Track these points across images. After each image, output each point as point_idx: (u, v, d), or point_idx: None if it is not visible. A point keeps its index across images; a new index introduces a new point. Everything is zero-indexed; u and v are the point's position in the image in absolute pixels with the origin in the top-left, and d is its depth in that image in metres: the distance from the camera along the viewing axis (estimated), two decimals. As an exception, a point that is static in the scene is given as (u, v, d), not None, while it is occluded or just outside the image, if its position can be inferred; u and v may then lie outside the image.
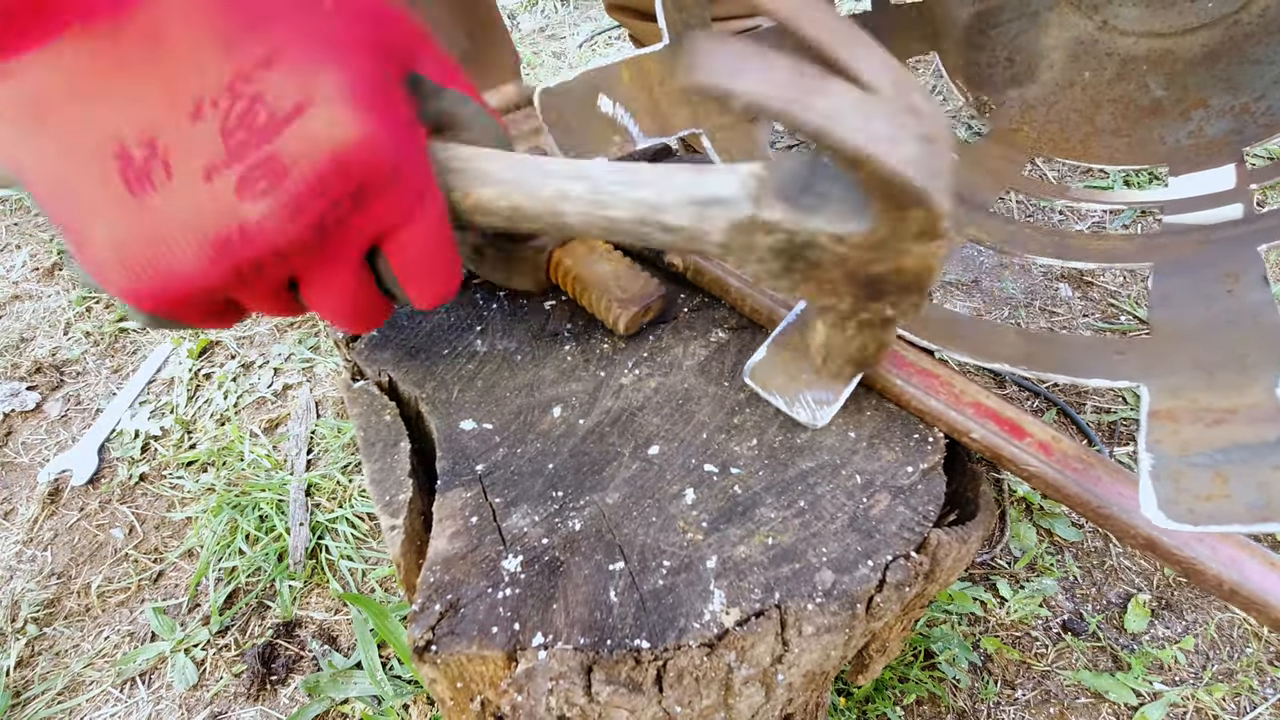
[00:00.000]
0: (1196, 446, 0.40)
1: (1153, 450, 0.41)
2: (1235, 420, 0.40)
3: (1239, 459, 0.38)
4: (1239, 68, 0.77)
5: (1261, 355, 0.43)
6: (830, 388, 0.50)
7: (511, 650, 0.39)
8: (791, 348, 0.52)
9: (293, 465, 1.08)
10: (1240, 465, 0.38)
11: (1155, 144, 0.80)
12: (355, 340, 0.58)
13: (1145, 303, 1.23)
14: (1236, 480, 0.38)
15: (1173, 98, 0.80)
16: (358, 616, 0.86)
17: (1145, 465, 0.41)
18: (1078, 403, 1.09)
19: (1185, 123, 0.80)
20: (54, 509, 1.06)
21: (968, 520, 0.49)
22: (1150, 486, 0.40)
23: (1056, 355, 0.50)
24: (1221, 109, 0.78)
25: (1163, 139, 0.80)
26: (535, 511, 0.45)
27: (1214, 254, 0.56)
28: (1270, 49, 0.76)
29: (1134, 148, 0.81)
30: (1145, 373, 0.46)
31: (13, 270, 1.47)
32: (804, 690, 0.47)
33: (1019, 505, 0.97)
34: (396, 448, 0.49)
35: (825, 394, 0.50)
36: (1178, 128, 0.80)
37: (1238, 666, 0.82)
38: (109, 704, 0.85)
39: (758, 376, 0.51)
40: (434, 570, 0.42)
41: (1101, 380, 0.47)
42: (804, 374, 0.51)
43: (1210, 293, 0.51)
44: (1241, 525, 0.36)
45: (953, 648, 0.83)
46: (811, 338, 0.48)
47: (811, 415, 0.50)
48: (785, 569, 0.42)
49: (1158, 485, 0.40)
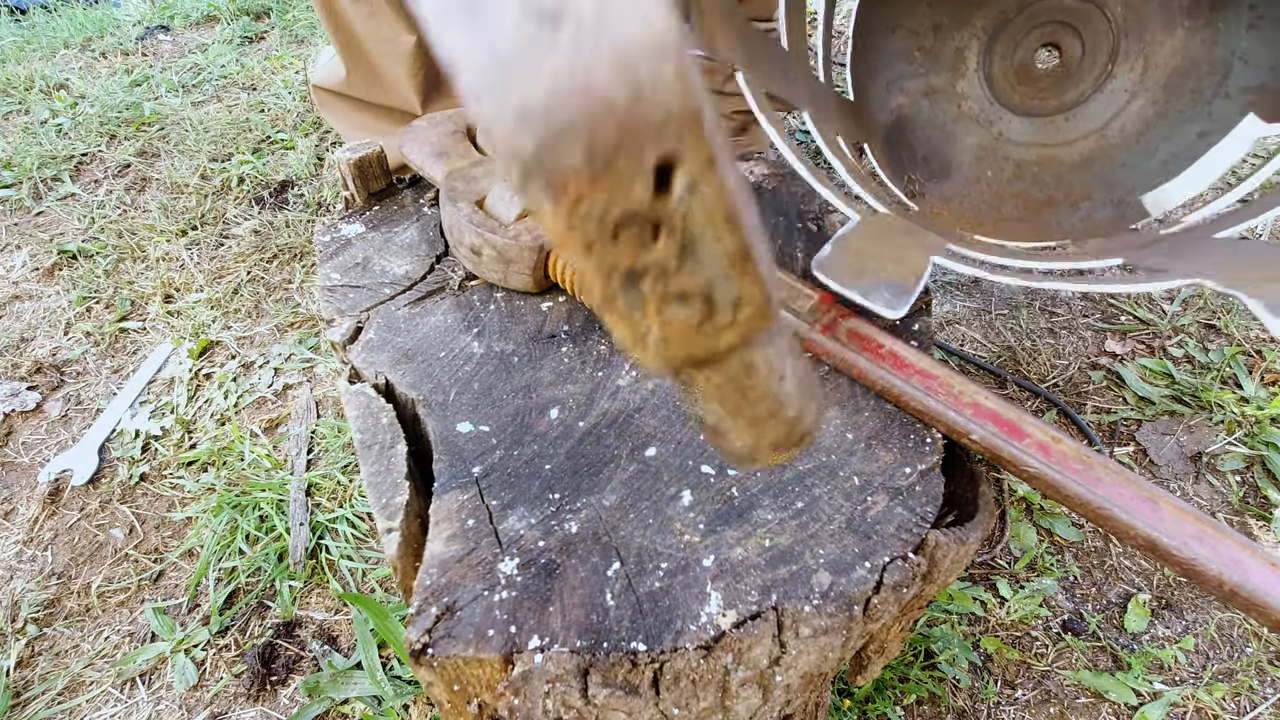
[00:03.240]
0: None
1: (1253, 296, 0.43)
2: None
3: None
4: (1111, 170, 0.91)
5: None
6: (905, 278, 0.50)
7: (508, 653, 0.39)
8: (853, 251, 0.53)
9: (293, 465, 1.08)
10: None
11: (1054, 228, 0.92)
12: (352, 342, 0.58)
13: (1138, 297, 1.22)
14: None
15: (1062, 193, 0.94)
16: (358, 616, 0.86)
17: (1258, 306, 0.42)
18: (1078, 403, 1.08)
19: (1075, 211, 0.92)
20: (54, 509, 1.06)
21: (966, 521, 0.49)
22: (1265, 311, 0.41)
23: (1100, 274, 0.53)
24: (1104, 200, 0.90)
25: (1059, 224, 0.92)
26: (532, 514, 0.45)
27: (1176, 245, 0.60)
28: (1133, 155, 0.90)
29: (1037, 230, 0.92)
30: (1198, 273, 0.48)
31: (13, 270, 1.47)
32: (802, 692, 0.47)
33: (1019, 505, 0.97)
34: (393, 450, 0.49)
35: (900, 284, 0.50)
36: (1071, 214, 0.92)
37: (1238, 666, 0.82)
38: (109, 704, 0.86)
39: (826, 269, 0.50)
40: (430, 573, 0.42)
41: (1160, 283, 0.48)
42: (870, 272, 0.50)
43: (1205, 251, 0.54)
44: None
45: (953, 648, 0.83)
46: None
47: (889, 304, 0.49)
48: (782, 571, 0.42)
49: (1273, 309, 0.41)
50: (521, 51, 0.15)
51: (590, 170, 0.16)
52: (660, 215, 0.17)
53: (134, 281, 1.43)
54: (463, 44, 0.15)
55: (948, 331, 1.20)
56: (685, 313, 0.19)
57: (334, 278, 0.64)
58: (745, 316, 0.20)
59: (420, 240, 0.68)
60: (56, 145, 1.81)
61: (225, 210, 1.58)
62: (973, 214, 0.97)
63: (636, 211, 0.17)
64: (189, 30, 2.48)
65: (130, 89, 2.07)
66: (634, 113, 0.16)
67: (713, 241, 0.18)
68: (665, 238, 0.18)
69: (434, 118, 0.72)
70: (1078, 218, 0.91)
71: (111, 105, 1.96)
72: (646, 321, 0.19)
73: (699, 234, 0.18)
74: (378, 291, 0.62)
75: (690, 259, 0.18)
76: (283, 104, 1.93)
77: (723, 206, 0.18)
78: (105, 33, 2.46)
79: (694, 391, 0.23)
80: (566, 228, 0.17)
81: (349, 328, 0.59)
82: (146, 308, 1.37)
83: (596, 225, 0.17)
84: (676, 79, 0.16)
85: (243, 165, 1.68)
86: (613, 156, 0.16)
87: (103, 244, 1.51)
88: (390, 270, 0.65)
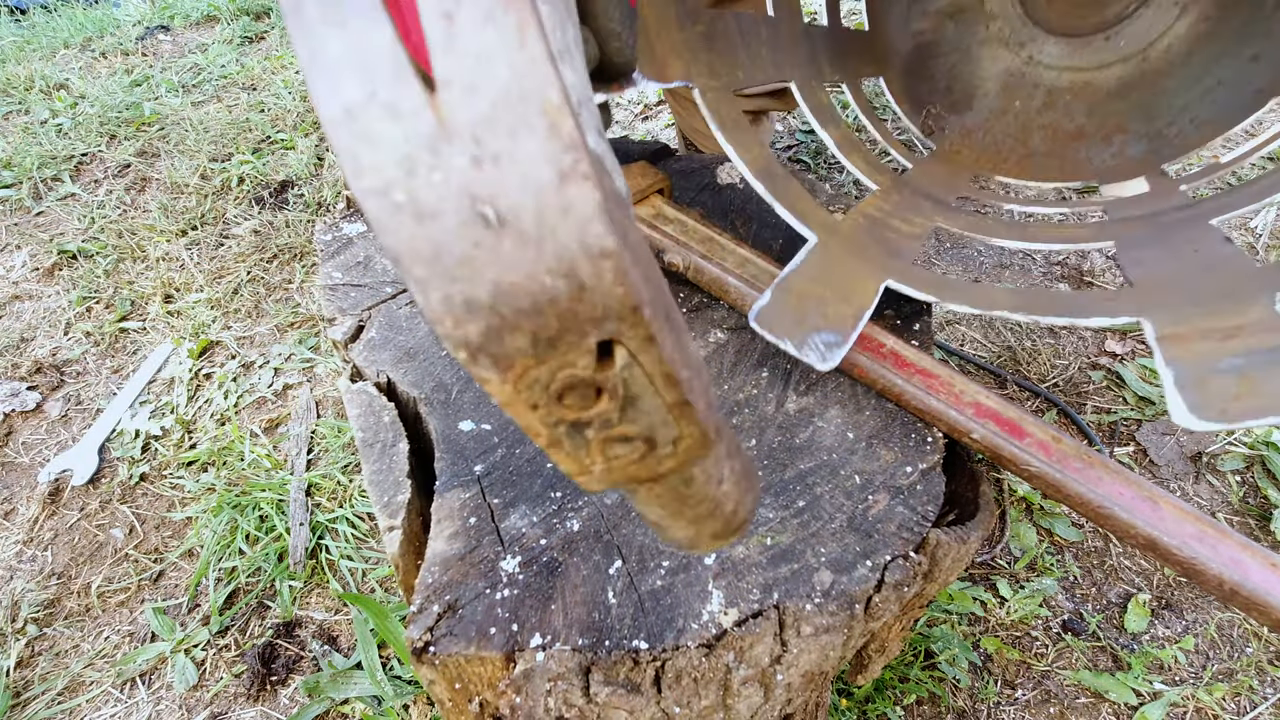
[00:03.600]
0: (1214, 356, 0.41)
1: (1173, 365, 0.42)
2: (1245, 333, 0.42)
3: (1263, 360, 0.40)
4: (1151, 97, 0.85)
5: (1249, 285, 0.45)
6: (839, 329, 0.50)
7: (510, 651, 0.39)
8: (795, 294, 0.52)
9: (293, 465, 1.08)
10: (1266, 366, 0.39)
11: (1083, 164, 0.87)
12: (354, 340, 0.58)
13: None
14: (1264, 380, 0.39)
15: (1095, 124, 0.88)
16: (358, 616, 0.86)
17: (1168, 379, 0.41)
18: (1078, 403, 1.09)
19: (1108, 145, 0.86)
20: (54, 509, 1.06)
21: (967, 520, 0.49)
22: (1177, 395, 0.41)
23: (1052, 302, 0.51)
24: (1139, 133, 0.85)
25: (1089, 160, 0.87)
26: (534, 512, 0.45)
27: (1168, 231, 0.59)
28: (1177, 81, 0.83)
29: (1064, 167, 0.87)
30: (1142, 309, 0.47)
31: (13, 270, 1.47)
32: (803, 690, 0.47)
33: (1019, 505, 0.97)
34: (395, 448, 0.49)
35: (834, 336, 0.50)
36: (1101, 149, 0.87)
37: (1238, 666, 0.82)
38: (109, 704, 0.85)
39: (764, 321, 0.50)
40: (432, 571, 0.42)
41: (1102, 318, 0.48)
42: (809, 318, 0.50)
43: (1179, 254, 0.53)
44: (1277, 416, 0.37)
45: (953, 648, 0.83)
46: None
47: (822, 357, 0.49)
48: (784, 569, 0.42)
49: (1184, 393, 0.40)
50: (467, 253, 0.16)
51: (535, 352, 0.18)
52: (602, 381, 0.19)
53: (134, 281, 1.43)
54: (409, 244, 0.16)
55: (948, 331, 1.20)
56: (627, 450, 0.21)
57: (336, 276, 0.64)
58: (684, 449, 0.21)
59: (421, 240, 0.68)
60: (56, 145, 1.81)
61: (225, 210, 1.58)
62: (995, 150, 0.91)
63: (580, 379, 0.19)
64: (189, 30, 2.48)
65: (130, 89, 2.07)
66: (575, 307, 0.17)
67: (652, 397, 0.20)
68: (607, 398, 0.19)
69: None
70: (1109, 153, 0.85)
71: (111, 105, 1.96)
72: (590, 459, 0.21)
73: (639, 392, 0.20)
74: (379, 290, 0.62)
75: (631, 410, 0.20)
76: (283, 104, 1.93)
77: (661, 370, 0.19)
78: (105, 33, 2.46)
79: (636, 497, 0.24)
80: (513, 394, 0.18)
81: (351, 326, 0.59)
82: (146, 308, 1.37)
83: (542, 392, 0.19)
84: (614, 278, 0.17)
85: (243, 165, 1.68)
86: (556, 340, 0.18)
87: (103, 244, 1.51)
88: (392, 269, 0.65)
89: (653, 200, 0.65)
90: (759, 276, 0.58)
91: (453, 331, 0.17)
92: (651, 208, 0.65)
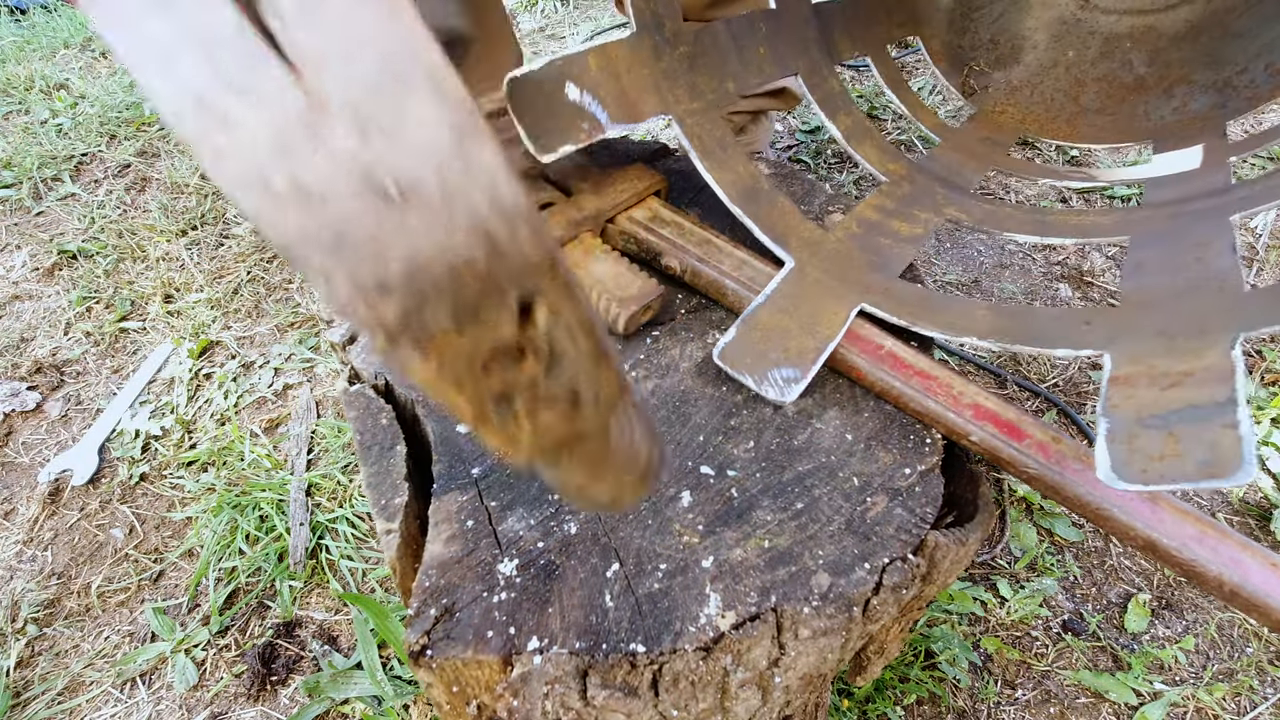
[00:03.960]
0: (1151, 409, 0.41)
1: (1109, 415, 0.42)
2: (1190, 383, 0.41)
3: (1191, 419, 0.39)
4: (1221, 42, 0.77)
5: (1220, 320, 0.44)
6: (798, 365, 0.51)
7: (507, 654, 0.39)
8: (760, 328, 0.53)
9: (293, 465, 1.08)
10: (1192, 425, 0.39)
11: (1140, 121, 0.80)
12: (352, 342, 0.58)
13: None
14: (1187, 440, 0.38)
15: (1156, 74, 0.80)
16: (358, 616, 0.86)
17: (1101, 430, 0.41)
18: (1078, 403, 1.08)
19: (1169, 99, 0.79)
20: (54, 509, 1.06)
21: (966, 521, 0.49)
22: (1105, 450, 0.40)
23: (1024, 327, 0.51)
24: (1204, 84, 0.78)
25: (1147, 115, 0.80)
26: (531, 515, 0.45)
27: (1187, 225, 0.57)
28: (1252, 21, 0.75)
29: (1119, 125, 0.80)
30: (1109, 341, 0.47)
31: (13, 270, 1.47)
32: (801, 692, 0.47)
33: (1019, 505, 0.97)
34: (393, 451, 0.49)
35: (793, 372, 0.51)
36: (1161, 104, 0.80)
37: (1238, 666, 0.82)
38: (109, 704, 0.86)
39: (727, 357, 0.51)
40: (430, 574, 0.42)
41: (1067, 350, 0.48)
42: (772, 353, 0.51)
43: (1180, 262, 0.52)
44: (1190, 482, 0.37)
45: (953, 648, 0.83)
46: None
47: (780, 392, 0.50)
48: (782, 572, 0.42)
49: (1112, 449, 0.40)
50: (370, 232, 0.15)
51: (457, 323, 0.17)
52: (525, 342, 0.18)
53: (134, 281, 1.43)
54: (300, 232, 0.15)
55: (948, 331, 1.20)
56: (554, 413, 0.21)
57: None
58: (605, 400, 0.22)
59: (420, 240, 0.68)
60: (56, 145, 1.81)
61: (225, 210, 1.58)
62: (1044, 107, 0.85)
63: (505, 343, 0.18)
64: (189, 30, 2.48)
65: (130, 89, 2.07)
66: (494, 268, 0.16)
67: (573, 349, 0.20)
68: (533, 359, 0.19)
69: None
70: (1170, 108, 0.79)
71: (111, 105, 1.96)
72: (518, 429, 0.20)
73: (563, 348, 0.19)
74: (377, 292, 0.62)
75: (555, 369, 0.20)
76: (283, 104, 1.93)
77: (581, 318, 0.19)
78: (105, 32, 2.46)
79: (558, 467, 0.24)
80: (436, 375, 0.18)
81: (349, 329, 0.59)
82: (146, 308, 1.37)
83: (466, 366, 0.18)
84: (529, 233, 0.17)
85: (243, 165, 1.68)
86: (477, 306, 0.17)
87: (103, 244, 1.51)
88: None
89: (650, 202, 0.65)
90: (756, 279, 0.58)
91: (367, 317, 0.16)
92: (648, 210, 0.64)
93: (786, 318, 0.53)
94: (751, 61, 0.68)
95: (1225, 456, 0.37)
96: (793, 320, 0.53)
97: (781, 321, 0.53)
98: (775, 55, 0.71)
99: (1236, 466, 0.36)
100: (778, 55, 0.71)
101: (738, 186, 0.60)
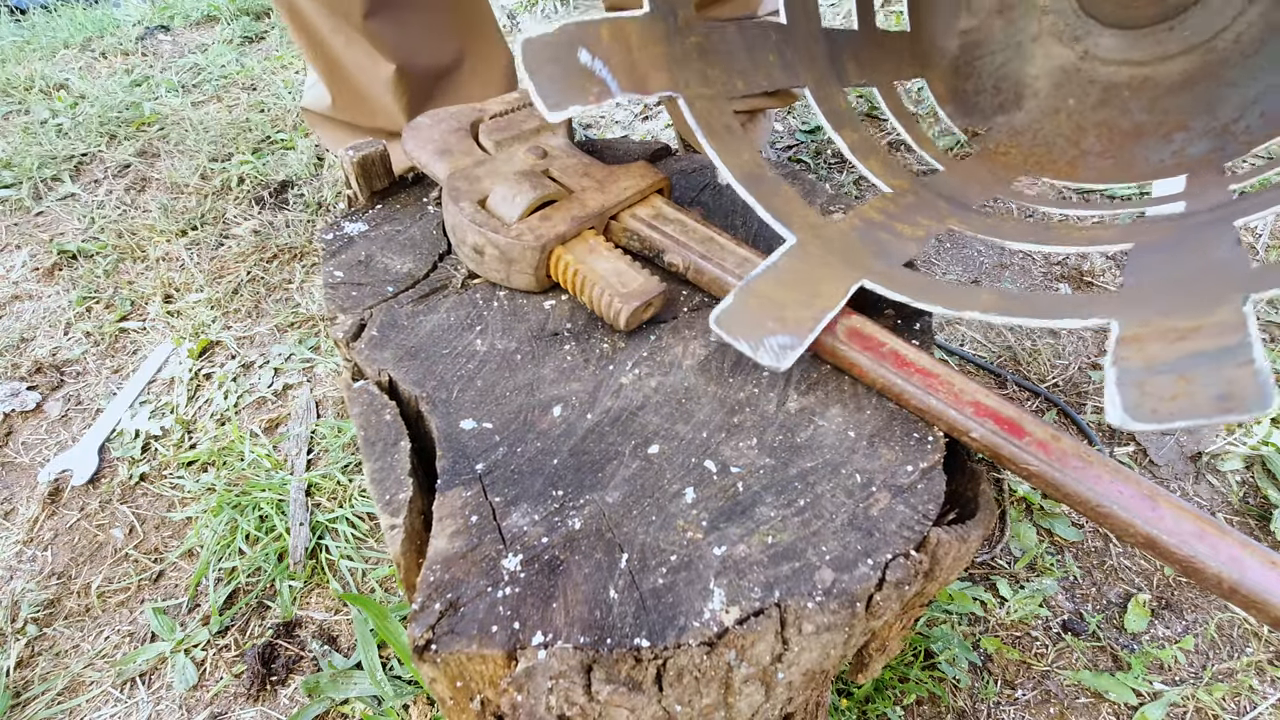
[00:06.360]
0: (1161, 359, 0.41)
1: (1118, 364, 0.42)
2: (1199, 335, 0.41)
3: (1202, 362, 0.39)
4: (1216, 91, 0.79)
5: (1229, 287, 0.44)
6: (795, 333, 0.51)
7: (511, 649, 0.39)
8: (758, 296, 0.52)
9: (293, 465, 1.08)
10: (1204, 367, 0.38)
11: (1140, 164, 0.82)
12: (355, 339, 0.58)
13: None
14: (1200, 380, 0.38)
15: (1154, 121, 0.83)
16: (358, 616, 0.86)
17: (1111, 377, 0.41)
18: (1078, 403, 1.09)
19: (1168, 144, 0.81)
20: (54, 509, 1.06)
21: (968, 519, 0.49)
22: (1115, 393, 0.40)
23: (1027, 303, 0.51)
24: (1201, 130, 0.80)
25: (1147, 159, 0.82)
26: (535, 510, 0.45)
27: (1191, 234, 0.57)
28: (1245, 72, 0.78)
29: (1119, 168, 0.82)
30: (1115, 313, 0.47)
31: (13, 270, 1.47)
32: (804, 689, 0.47)
33: (1019, 505, 0.97)
34: (397, 447, 0.49)
35: (789, 339, 0.50)
36: (1160, 148, 0.82)
37: (1238, 666, 0.82)
38: (109, 704, 0.85)
39: (724, 323, 0.51)
40: (434, 569, 0.42)
41: (1073, 320, 0.47)
42: (769, 321, 0.51)
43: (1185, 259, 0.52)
44: (1205, 418, 0.36)
45: (953, 647, 0.83)
46: None
47: (775, 359, 0.50)
48: (785, 567, 0.42)
49: (1123, 391, 0.40)
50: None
51: None
52: None
53: (134, 281, 1.43)
54: None
55: (948, 331, 1.21)
56: None
57: (336, 275, 0.64)
58: None
59: (423, 239, 0.68)
60: (56, 145, 1.81)
61: (225, 210, 1.58)
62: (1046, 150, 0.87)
63: None
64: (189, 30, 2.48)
65: (130, 89, 2.07)
66: None
67: None
68: None
69: (437, 114, 0.72)
70: (1169, 151, 0.81)
71: (111, 105, 1.96)
72: None
73: None
74: (380, 289, 0.62)
75: None
76: (283, 104, 1.93)
77: None
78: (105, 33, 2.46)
79: None
80: None
81: (351, 325, 0.59)
82: (146, 308, 1.37)
83: None
84: None
85: (243, 165, 1.68)
86: None
87: (103, 244, 1.51)
88: (393, 268, 0.65)
89: (652, 200, 0.65)
90: (760, 276, 0.58)
91: None
92: (651, 208, 0.65)
93: (785, 290, 0.53)
94: (762, 65, 0.69)
95: (1242, 390, 0.36)
96: (791, 292, 0.53)
97: (780, 293, 0.53)
98: (785, 63, 0.72)
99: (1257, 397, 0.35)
100: (787, 64, 0.72)
101: (742, 170, 0.60)
